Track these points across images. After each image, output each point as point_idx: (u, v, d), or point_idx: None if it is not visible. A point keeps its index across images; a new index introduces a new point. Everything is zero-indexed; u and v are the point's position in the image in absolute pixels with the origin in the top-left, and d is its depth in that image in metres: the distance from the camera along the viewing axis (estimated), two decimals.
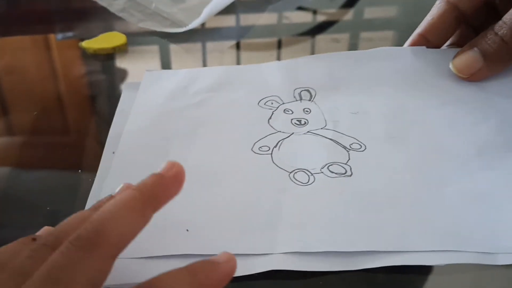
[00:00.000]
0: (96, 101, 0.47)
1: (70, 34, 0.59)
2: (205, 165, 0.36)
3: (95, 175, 0.37)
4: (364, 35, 0.56)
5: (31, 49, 0.57)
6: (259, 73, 0.44)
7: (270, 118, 0.40)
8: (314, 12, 0.62)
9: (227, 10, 0.57)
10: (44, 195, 0.36)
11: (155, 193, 0.25)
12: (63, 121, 0.45)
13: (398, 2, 0.64)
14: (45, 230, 0.28)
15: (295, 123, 0.39)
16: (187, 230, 0.31)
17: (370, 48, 0.45)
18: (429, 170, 0.34)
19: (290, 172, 0.35)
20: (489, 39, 0.40)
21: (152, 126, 0.39)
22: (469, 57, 0.41)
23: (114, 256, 0.23)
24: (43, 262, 0.23)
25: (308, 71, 0.44)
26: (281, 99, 0.41)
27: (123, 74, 0.50)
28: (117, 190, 0.27)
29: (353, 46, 0.54)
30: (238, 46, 0.55)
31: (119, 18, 0.56)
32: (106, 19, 0.59)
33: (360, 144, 0.37)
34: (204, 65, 0.52)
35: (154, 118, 0.40)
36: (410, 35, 0.46)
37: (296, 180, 0.34)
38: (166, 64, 0.52)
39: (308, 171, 0.35)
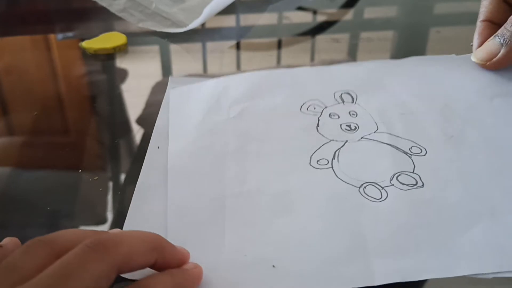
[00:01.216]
0: (96, 101, 0.47)
1: (70, 34, 0.59)
2: (268, 187, 0.33)
3: (95, 175, 0.37)
4: (364, 35, 0.56)
5: (31, 49, 0.57)
6: (290, 77, 0.43)
7: (318, 125, 0.38)
8: (314, 12, 0.62)
9: (227, 10, 0.57)
10: (44, 195, 0.36)
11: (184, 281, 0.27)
12: (63, 121, 0.45)
13: (398, 2, 0.64)
14: (8, 239, 0.28)
15: (345, 128, 0.37)
16: (274, 266, 0.29)
17: (370, 47, 0.46)
18: (507, 170, 0.33)
19: (359, 187, 0.33)
20: (511, 27, 0.39)
21: (198, 146, 0.37)
22: (488, 44, 0.41)
23: (120, 269, 0.24)
24: (39, 257, 0.23)
25: (343, 74, 0.43)
26: (322, 103, 0.40)
27: (123, 74, 0.50)
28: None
29: (353, 46, 0.54)
30: (238, 46, 0.55)
31: (119, 18, 0.56)
32: (106, 19, 0.59)
33: (420, 148, 0.35)
34: (204, 65, 0.52)
35: (198, 137, 0.38)
36: (410, 35, 0.46)
37: (367, 195, 0.32)
38: (166, 64, 0.52)
39: (378, 184, 0.33)
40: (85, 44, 0.53)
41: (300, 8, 0.62)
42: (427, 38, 0.55)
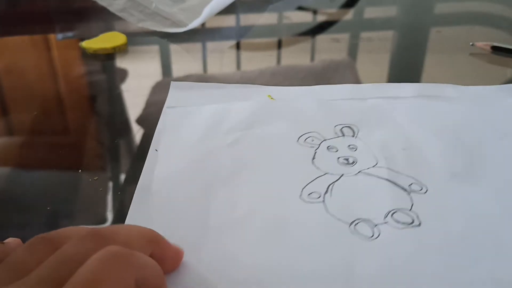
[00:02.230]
0: (96, 101, 0.47)
1: (70, 34, 0.59)
2: (254, 220, 0.31)
3: (95, 175, 0.37)
4: (364, 35, 0.56)
5: (31, 49, 0.57)
6: (291, 109, 0.41)
7: (314, 157, 0.36)
8: (314, 12, 0.62)
9: (227, 10, 0.57)
10: (44, 195, 0.36)
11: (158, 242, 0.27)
12: (63, 121, 0.45)
13: (398, 2, 0.64)
14: (11, 239, 0.28)
15: (342, 162, 0.36)
16: None
17: (370, 47, 0.46)
18: None
19: (350, 224, 0.31)
20: None
21: (187, 171, 0.35)
22: None
23: None
24: (41, 253, 0.23)
25: (346, 108, 0.41)
26: (321, 136, 0.38)
27: (123, 74, 0.50)
28: None
29: (353, 46, 0.54)
30: (238, 46, 0.55)
31: (119, 18, 0.56)
32: (106, 19, 0.59)
33: (420, 185, 0.33)
34: (204, 65, 0.52)
35: (188, 162, 0.36)
36: (410, 35, 0.46)
37: (358, 233, 0.30)
38: (166, 64, 0.52)
39: (370, 221, 0.31)
40: (85, 44, 0.53)
41: (300, 8, 0.62)
42: (427, 38, 0.55)
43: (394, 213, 0.31)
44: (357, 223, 0.31)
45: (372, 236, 0.30)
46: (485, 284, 0.27)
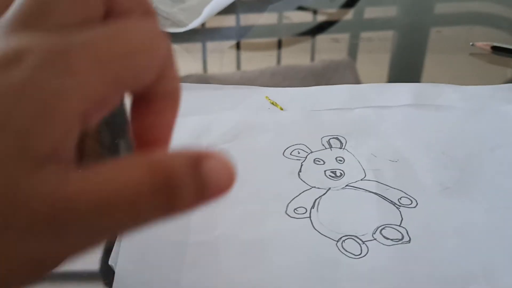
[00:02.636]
0: None
1: None
2: (238, 236, 0.30)
3: None
4: (364, 35, 0.56)
5: None
6: (276, 120, 0.40)
7: (300, 170, 0.35)
8: (314, 12, 0.62)
9: (227, 10, 0.57)
10: None
11: None
12: None
13: (398, 2, 0.64)
14: None
15: (329, 175, 0.34)
16: None
17: (370, 47, 0.45)
18: (506, 228, 0.30)
19: (337, 241, 0.30)
20: None
21: None
22: None
23: None
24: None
25: (334, 119, 0.40)
26: (308, 148, 0.37)
27: None
28: None
29: (353, 46, 0.54)
30: (238, 46, 0.55)
31: None
32: None
33: (410, 199, 0.32)
34: (204, 65, 0.52)
35: None
36: (410, 35, 0.46)
37: (345, 250, 0.29)
38: None
39: (358, 238, 0.30)
40: None
41: (300, 8, 0.62)
42: (427, 38, 0.55)
43: (382, 229, 0.31)
44: (345, 240, 0.30)
45: (360, 254, 0.29)
46: None
